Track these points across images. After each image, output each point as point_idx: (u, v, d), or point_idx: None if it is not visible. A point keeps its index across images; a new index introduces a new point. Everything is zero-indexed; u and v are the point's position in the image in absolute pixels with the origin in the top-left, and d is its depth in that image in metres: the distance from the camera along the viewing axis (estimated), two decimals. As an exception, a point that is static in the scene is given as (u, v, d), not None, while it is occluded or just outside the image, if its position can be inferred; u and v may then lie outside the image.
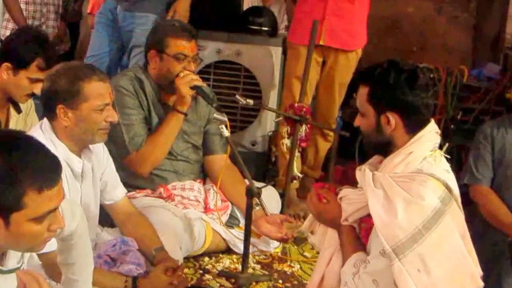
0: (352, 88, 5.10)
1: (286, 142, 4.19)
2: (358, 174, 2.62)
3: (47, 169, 1.94)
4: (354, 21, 4.63)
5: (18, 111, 3.50)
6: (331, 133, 4.78)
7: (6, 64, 3.31)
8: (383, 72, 2.56)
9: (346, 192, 2.65)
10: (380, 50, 6.11)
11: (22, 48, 3.31)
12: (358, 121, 2.66)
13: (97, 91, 2.92)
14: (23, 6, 5.24)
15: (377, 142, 2.63)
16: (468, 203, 3.38)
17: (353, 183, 2.72)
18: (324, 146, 4.85)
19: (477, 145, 3.76)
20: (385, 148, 2.60)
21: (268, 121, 4.96)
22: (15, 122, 3.47)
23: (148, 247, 3.20)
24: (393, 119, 2.55)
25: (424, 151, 2.55)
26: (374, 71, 2.58)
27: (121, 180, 3.36)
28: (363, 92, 2.60)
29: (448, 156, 2.64)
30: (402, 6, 6.58)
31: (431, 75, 5.25)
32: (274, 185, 4.34)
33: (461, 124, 5.34)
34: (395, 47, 6.55)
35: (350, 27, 4.62)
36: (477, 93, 5.42)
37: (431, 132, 2.59)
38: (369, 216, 2.53)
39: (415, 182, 2.47)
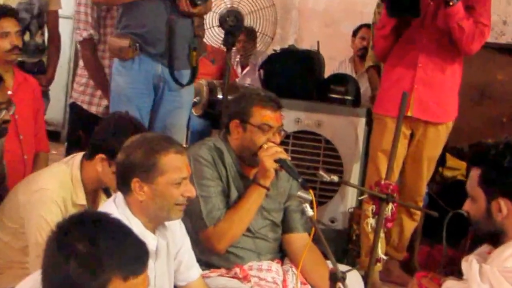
0: (440, 162, 5.15)
1: (371, 221, 4.11)
2: (464, 265, 2.58)
3: (134, 257, 1.92)
4: (445, 91, 4.60)
5: (108, 195, 3.53)
6: (418, 212, 4.70)
7: (101, 156, 3.35)
8: (497, 154, 2.52)
9: (450, 284, 2.61)
10: (467, 120, 6.03)
11: (113, 139, 3.32)
12: (467, 206, 2.62)
13: (174, 164, 2.87)
14: None
15: (487, 230, 2.57)
16: None
17: (439, 266, 2.64)
18: (410, 226, 4.78)
19: None
20: (496, 237, 2.54)
21: (349, 197, 4.92)
22: None
23: None
24: (505, 207, 2.51)
25: (540, 244, 2.48)
26: (488, 153, 2.54)
27: (195, 257, 3.33)
28: (474, 174, 2.58)
29: None
30: (492, 73, 6.51)
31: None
32: (355, 266, 4.25)
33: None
34: (483, 117, 6.46)
35: (441, 98, 4.59)
36: None
37: None
38: (474, 313, 2.47)
39: (528, 279, 2.41)
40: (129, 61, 4.49)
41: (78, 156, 3.49)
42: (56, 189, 3.36)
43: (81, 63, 5.25)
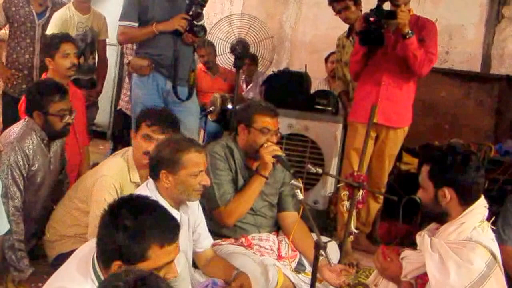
0: (398, 159, 5.14)
1: (346, 203, 4.10)
2: (418, 238, 2.59)
3: (169, 229, 1.93)
4: (402, 104, 4.56)
5: None
6: (381, 196, 4.68)
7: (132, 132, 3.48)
8: (442, 154, 2.51)
9: (407, 253, 2.61)
10: (418, 127, 6.02)
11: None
12: (420, 194, 2.61)
13: (194, 160, 2.89)
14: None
15: (434, 212, 2.57)
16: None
17: (396, 239, 2.63)
18: (375, 207, 4.75)
19: (505, 211, 3.62)
20: (441, 217, 2.54)
21: (329, 184, 4.89)
22: None
23: (228, 277, 3.18)
24: (448, 194, 2.50)
25: (474, 222, 2.51)
26: (435, 153, 2.54)
27: (209, 229, 3.35)
28: (424, 169, 2.56)
29: (494, 227, 2.57)
30: (437, 91, 6.50)
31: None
32: (333, 238, 4.25)
33: (487, 192, 5.13)
34: (430, 125, 6.44)
35: (399, 109, 4.55)
36: (501, 166, 5.26)
37: (481, 206, 2.54)
38: (425, 274, 2.50)
39: (465, 249, 2.44)
40: (145, 77, 4.50)
41: (130, 148, 3.55)
42: (113, 175, 3.41)
43: (128, 80, 5.27)
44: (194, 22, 4.39)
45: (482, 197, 2.57)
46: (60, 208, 3.64)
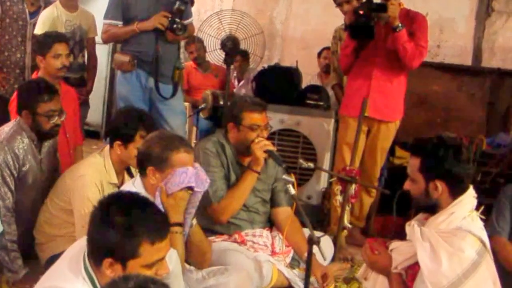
0: (390, 153, 5.15)
1: (339, 198, 4.11)
2: (407, 228, 2.61)
3: (159, 226, 1.92)
4: (393, 97, 4.56)
5: (130, 175, 3.54)
6: (374, 190, 4.69)
7: (117, 142, 3.40)
8: (434, 146, 2.51)
9: (396, 244, 2.63)
10: (411, 120, 6.03)
11: (124, 128, 3.40)
12: (408, 186, 2.61)
13: (182, 160, 2.83)
14: None
15: (425, 204, 2.57)
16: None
17: (390, 233, 2.64)
18: (368, 201, 4.75)
19: (500, 203, 3.63)
20: (432, 209, 2.55)
21: (322, 179, 4.90)
22: None
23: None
24: (440, 186, 2.51)
25: (464, 212, 2.53)
26: (425, 146, 2.53)
27: (203, 227, 3.31)
28: (414, 162, 2.56)
29: (483, 217, 2.58)
30: (429, 85, 6.52)
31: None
32: (326, 233, 4.24)
33: (480, 185, 5.15)
34: (423, 118, 6.46)
35: (390, 102, 4.55)
36: (493, 159, 5.27)
37: (470, 196, 2.57)
38: (415, 264, 2.52)
39: (456, 237, 2.45)
40: (129, 74, 4.50)
41: (107, 147, 3.51)
42: (93, 174, 3.38)
43: None
44: (176, 19, 4.38)
45: (471, 187, 2.59)
46: (44, 210, 3.62)
